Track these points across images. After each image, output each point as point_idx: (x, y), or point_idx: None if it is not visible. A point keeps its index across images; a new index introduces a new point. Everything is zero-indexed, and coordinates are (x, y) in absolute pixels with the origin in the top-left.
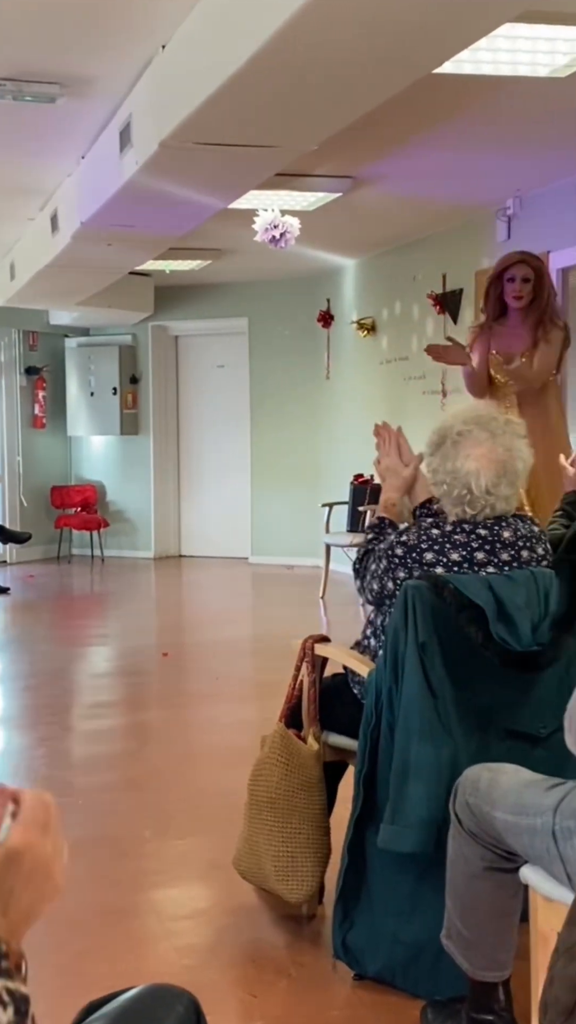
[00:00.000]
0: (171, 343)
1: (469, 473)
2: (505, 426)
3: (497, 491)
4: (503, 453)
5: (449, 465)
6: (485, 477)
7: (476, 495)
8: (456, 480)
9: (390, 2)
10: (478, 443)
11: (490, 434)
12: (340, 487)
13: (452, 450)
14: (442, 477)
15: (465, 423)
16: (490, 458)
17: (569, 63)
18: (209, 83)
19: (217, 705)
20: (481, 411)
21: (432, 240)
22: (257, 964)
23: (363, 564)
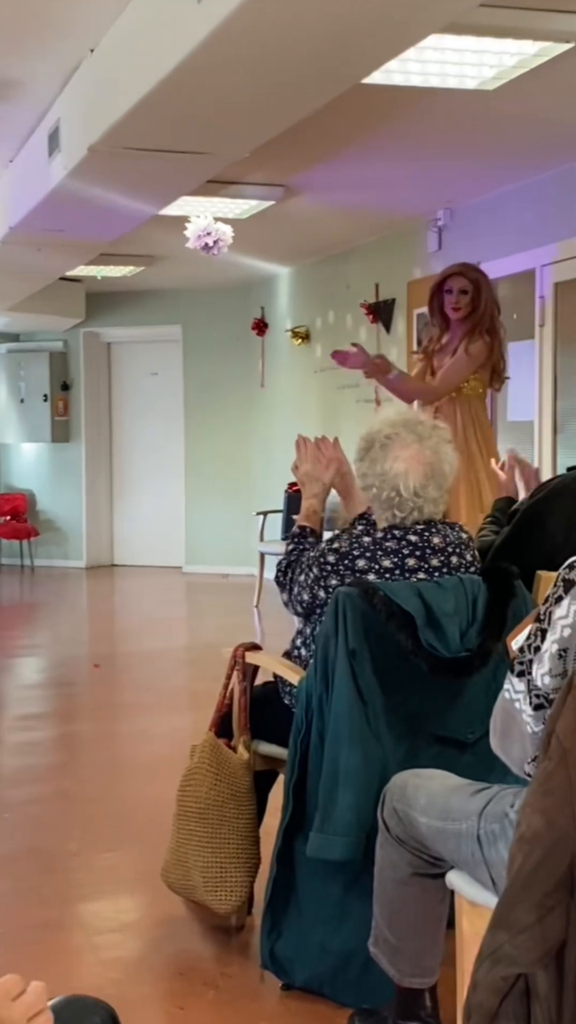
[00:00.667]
0: (103, 349)
1: (397, 475)
2: (432, 430)
3: (425, 493)
4: (431, 455)
5: (378, 468)
6: (413, 479)
7: (405, 497)
8: (384, 483)
9: (320, 10)
10: (405, 445)
11: (417, 437)
12: (274, 495)
13: (380, 453)
14: (371, 480)
15: (392, 426)
16: (418, 460)
17: (496, 76)
18: (138, 88)
19: (148, 716)
20: (408, 415)
21: (365, 249)
22: (185, 976)
23: (288, 576)
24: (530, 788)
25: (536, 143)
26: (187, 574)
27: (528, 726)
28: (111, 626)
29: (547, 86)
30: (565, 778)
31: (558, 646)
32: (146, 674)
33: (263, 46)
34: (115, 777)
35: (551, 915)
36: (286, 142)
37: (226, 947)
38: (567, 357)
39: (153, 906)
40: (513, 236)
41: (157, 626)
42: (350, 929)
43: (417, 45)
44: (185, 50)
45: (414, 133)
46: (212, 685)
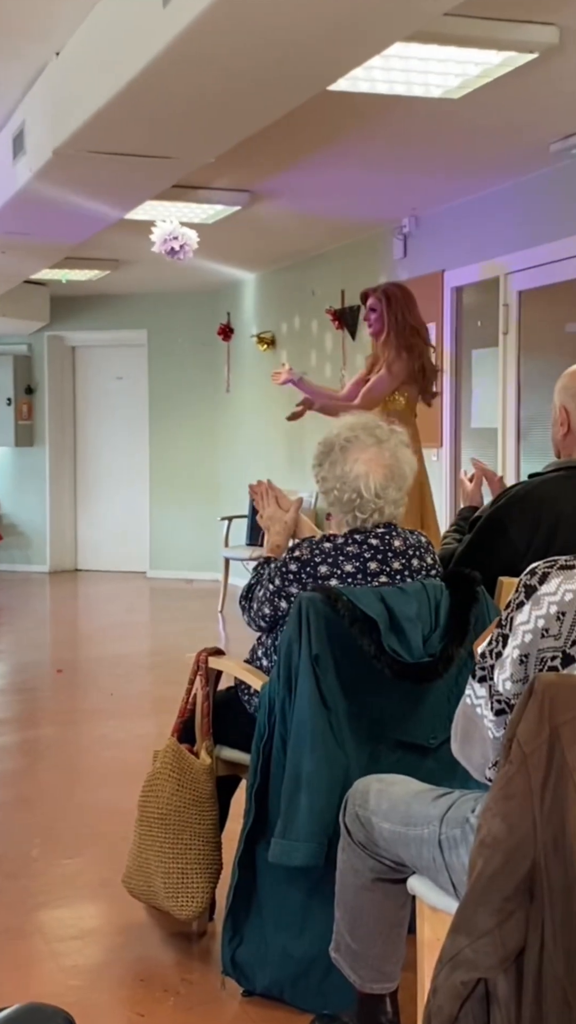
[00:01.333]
0: (68, 353)
1: (358, 476)
2: (390, 433)
3: (386, 494)
4: (389, 458)
5: (338, 471)
6: (374, 480)
7: (366, 498)
8: (345, 485)
9: (284, 17)
10: (364, 448)
11: (376, 439)
12: (239, 500)
13: (340, 456)
14: (331, 484)
15: (351, 430)
16: (378, 462)
17: (461, 84)
18: (103, 91)
19: (111, 721)
20: (366, 419)
21: (330, 256)
22: (145, 983)
23: (248, 598)
24: (491, 793)
25: (501, 152)
26: (151, 579)
27: (489, 731)
28: (74, 631)
29: (512, 96)
30: (525, 783)
31: (519, 651)
32: (109, 679)
33: (228, 50)
34: (76, 783)
35: (511, 920)
36: (252, 148)
37: (187, 953)
38: (530, 365)
39: (114, 912)
40: (478, 244)
41: (120, 631)
42: (312, 935)
43: (383, 53)
44: (150, 54)
45: (380, 141)
46: (175, 690)
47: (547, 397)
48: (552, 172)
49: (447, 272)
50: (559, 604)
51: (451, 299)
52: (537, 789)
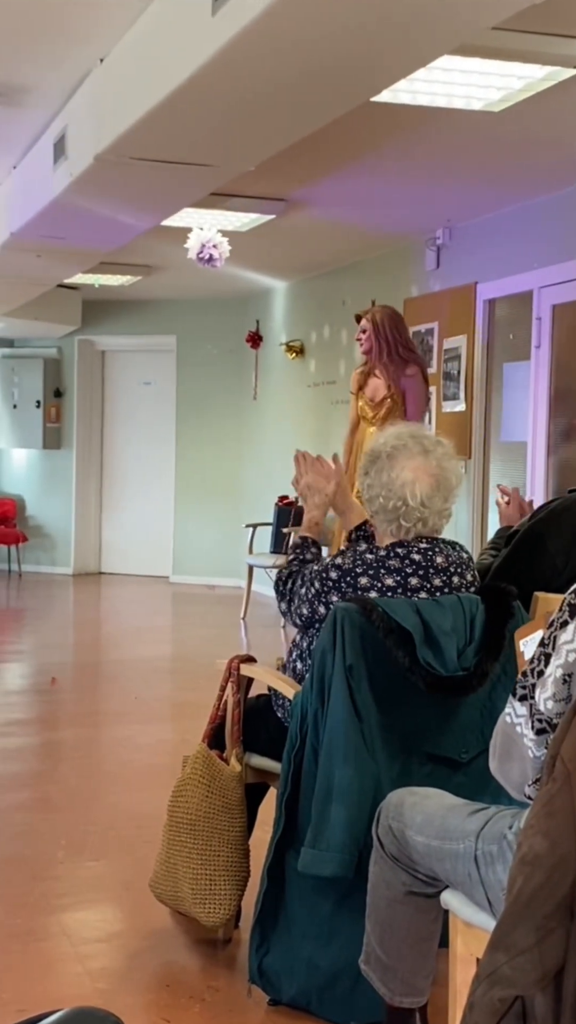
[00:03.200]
0: (97, 358)
1: (405, 484)
2: (436, 444)
3: (432, 504)
4: (436, 467)
5: (384, 478)
6: (420, 488)
7: (412, 506)
8: (391, 492)
9: (332, 28)
10: (411, 456)
11: (423, 449)
12: (264, 508)
13: (387, 463)
14: (377, 491)
15: (398, 438)
16: (425, 470)
17: (503, 98)
18: (147, 99)
19: (134, 725)
20: (413, 429)
21: (362, 266)
22: (171, 988)
23: (288, 587)
24: (532, 810)
25: (538, 165)
26: (174, 584)
27: (529, 750)
28: (97, 633)
29: (552, 110)
30: (569, 800)
31: (563, 671)
32: (131, 683)
33: (275, 61)
34: (100, 786)
35: (551, 937)
36: (290, 156)
37: (213, 960)
38: (562, 379)
39: (139, 916)
40: (511, 257)
41: (143, 635)
42: (340, 946)
43: (427, 65)
44: (197, 62)
45: (418, 152)
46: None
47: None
48: None
49: (480, 284)
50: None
51: (483, 311)
52: None
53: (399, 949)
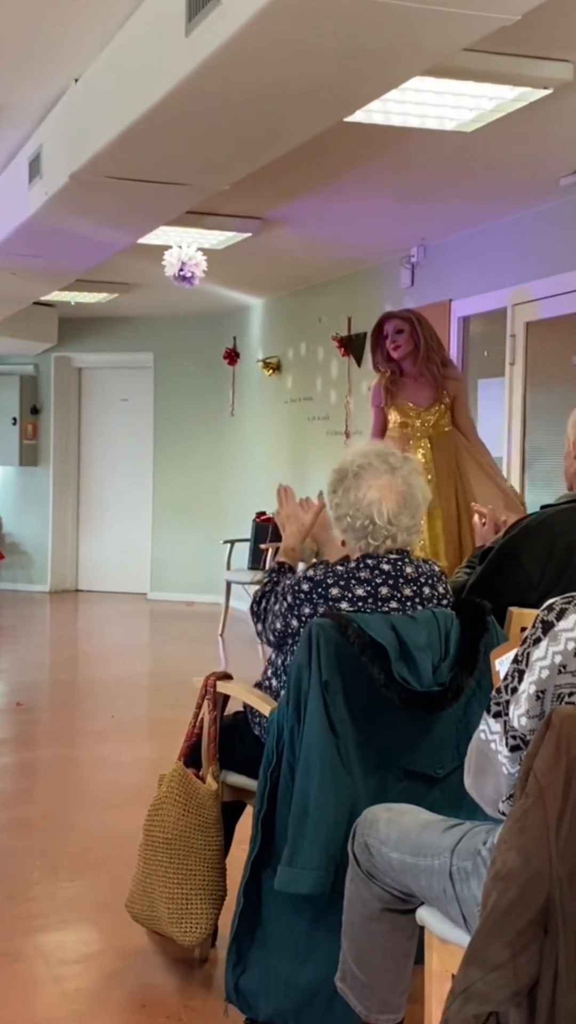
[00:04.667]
0: (74, 375)
1: (371, 503)
2: (404, 461)
3: (399, 521)
4: (402, 485)
5: (351, 497)
6: (386, 507)
7: (379, 525)
8: (359, 511)
9: (305, 50)
10: (378, 475)
11: (390, 467)
12: (242, 524)
13: (353, 483)
14: (344, 510)
15: (364, 456)
16: (391, 489)
17: (475, 118)
18: (122, 118)
19: (111, 743)
20: (379, 447)
21: (338, 283)
22: (147, 1009)
23: (262, 606)
24: (506, 825)
25: (511, 184)
26: (152, 600)
27: (504, 767)
28: (74, 651)
29: (524, 130)
30: (542, 816)
31: (536, 687)
32: (109, 701)
33: (248, 82)
34: (77, 805)
35: (524, 953)
36: (265, 175)
37: (189, 980)
38: (536, 395)
39: (115, 937)
40: (486, 275)
41: (121, 652)
42: (317, 964)
43: (399, 86)
44: (170, 83)
45: (392, 171)
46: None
47: (553, 428)
48: (561, 205)
49: (454, 302)
50: (547, 679)
51: (458, 329)
52: (553, 822)
53: (375, 966)
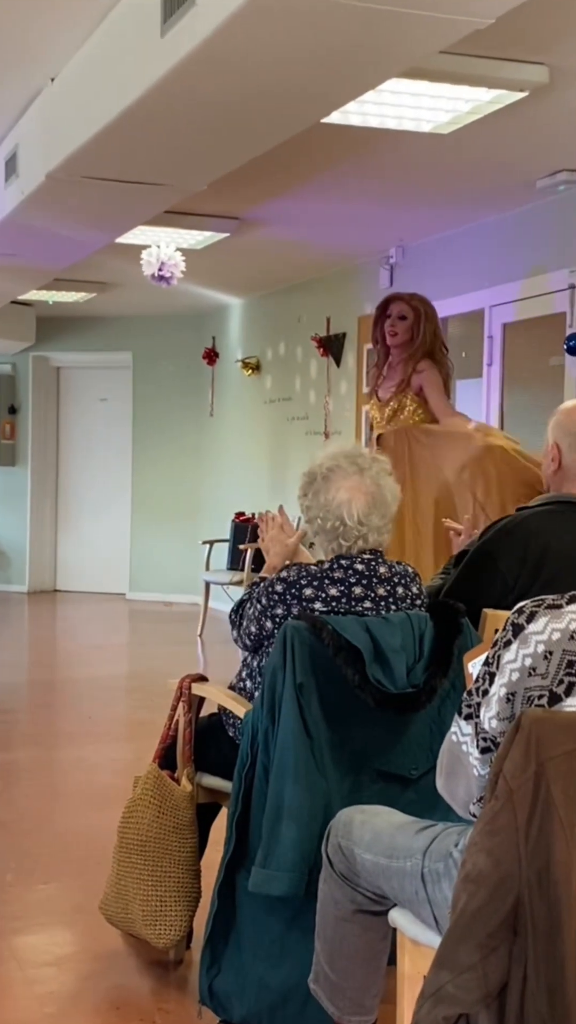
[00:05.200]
0: (52, 374)
1: (341, 504)
2: (372, 462)
3: (369, 521)
4: (371, 485)
5: (321, 499)
6: (356, 507)
7: (349, 525)
8: (329, 512)
9: (281, 52)
10: (347, 476)
11: (358, 468)
12: (221, 525)
13: (323, 484)
14: (315, 513)
15: (333, 459)
16: (360, 490)
17: (452, 120)
18: (99, 118)
19: (88, 744)
20: (348, 448)
21: (317, 284)
22: (121, 1011)
23: (239, 613)
24: (476, 828)
25: (488, 186)
26: (130, 601)
27: (475, 768)
28: (52, 652)
29: (501, 132)
30: (511, 819)
31: (506, 690)
32: (86, 702)
33: (224, 82)
34: (53, 807)
35: (494, 955)
36: (243, 176)
37: (164, 982)
38: (513, 396)
39: (89, 939)
40: (463, 276)
41: (99, 653)
42: (291, 965)
43: (376, 88)
44: (147, 83)
45: (369, 172)
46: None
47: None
48: (538, 207)
49: (432, 303)
50: (546, 643)
51: None
52: (523, 825)
53: (347, 967)
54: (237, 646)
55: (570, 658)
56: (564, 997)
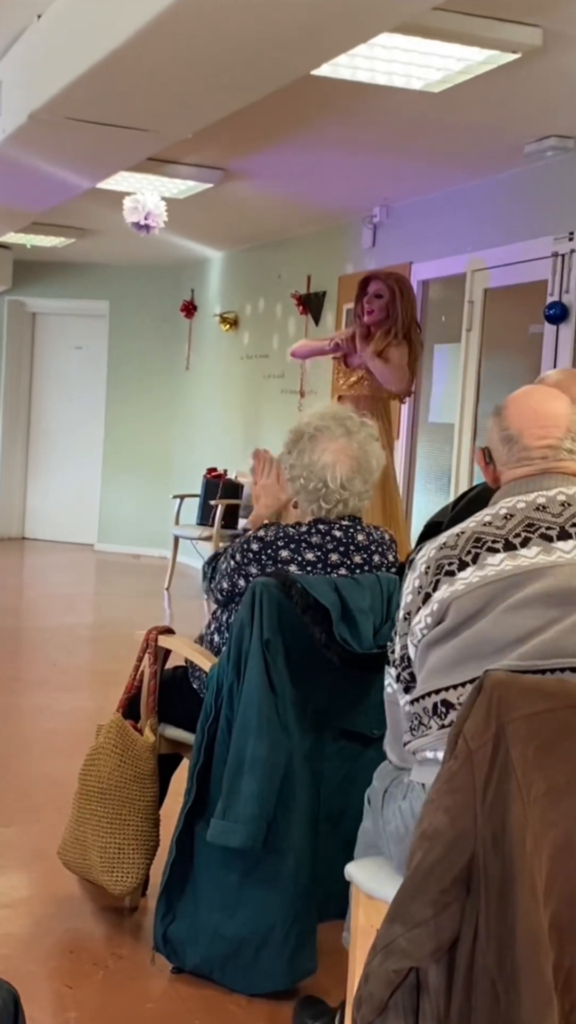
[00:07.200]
0: (28, 320)
1: (325, 466)
2: (360, 426)
3: (351, 486)
4: (357, 450)
5: (305, 459)
6: (340, 471)
7: (331, 488)
8: (312, 474)
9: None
10: (334, 438)
11: (346, 431)
12: (193, 479)
13: (309, 445)
14: (298, 472)
15: (322, 419)
16: (346, 453)
17: (442, 79)
18: (84, 58)
19: (53, 692)
20: (338, 410)
21: (299, 241)
22: (75, 955)
23: (213, 565)
24: (434, 786)
25: (476, 149)
26: (98, 552)
27: (407, 706)
28: (18, 599)
29: (491, 94)
30: (469, 778)
31: (403, 612)
32: (51, 650)
33: (216, 28)
34: (14, 753)
35: (446, 911)
36: (229, 125)
37: (118, 928)
38: (491, 362)
39: (46, 884)
40: (446, 239)
41: (65, 602)
42: (245, 916)
43: (368, 42)
44: (136, 25)
45: (357, 128)
46: (117, 665)
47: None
48: (525, 173)
49: (415, 265)
50: (425, 560)
51: (419, 292)
52: (480, 785)
53: None
54: (208, 597)
55: (439, 562)
56: (513, 953)
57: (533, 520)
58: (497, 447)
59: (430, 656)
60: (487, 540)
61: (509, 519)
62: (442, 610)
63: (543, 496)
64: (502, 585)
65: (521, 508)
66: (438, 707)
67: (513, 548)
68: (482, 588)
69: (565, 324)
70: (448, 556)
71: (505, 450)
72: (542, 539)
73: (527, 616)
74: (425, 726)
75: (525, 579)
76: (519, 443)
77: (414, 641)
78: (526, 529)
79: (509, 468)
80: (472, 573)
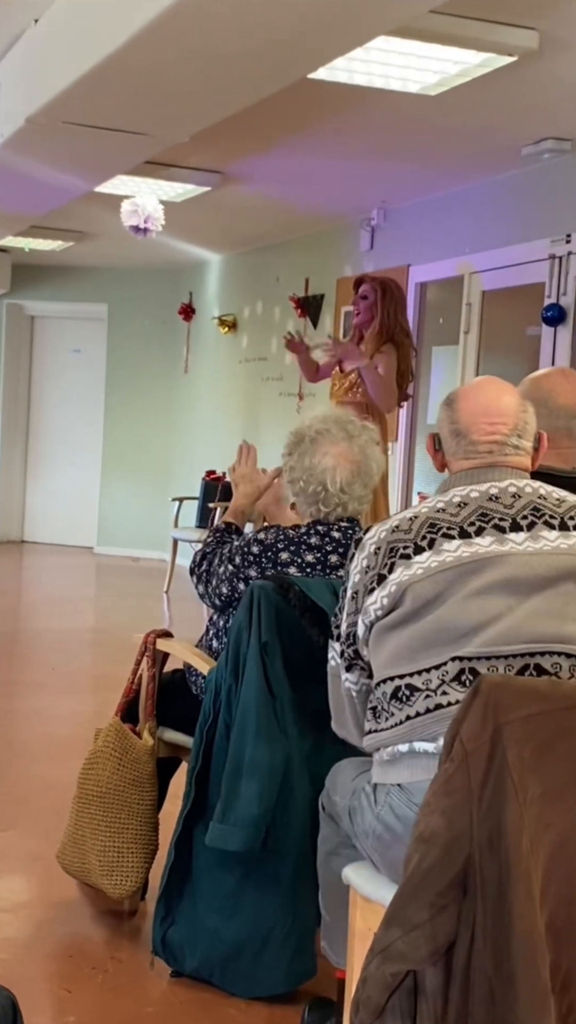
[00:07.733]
0: (27, 323)
1: (325, 470)
2: (362, 430)
3: (351, 490)
4: (358, 454)
5: (306, 462)
6: (340, 475)
7: (331, 492)
8: (312, 477)
9: (270, 3)
10: (335, 442)
11: (347, 435)
12: (191, 482)
13: (309, 447)
14: (298, 475)
15: (324, 422)
16: (346, 457)
17: (439, 82)
18: (82, 62)
19: (50, 696)
20: (339, 414)
21: (297, 243)
22: (74, 959)
23: (203, 568)
24: (431, 789)
25: (473, 152)
26: (98, 555)
27: (347, 682)
28: (16, 602)
29: (488, 97)
30: (465, 780)
31: (351, 590)
32: (50, 653)
33: (213, 32)
34: (12, 756)
35: (443, 914)
36: (226, 129)
37: (117, 931)
38: (489, 364)
39: (45, 887)
40: (445, 241)
41: (64, 605)
42: (243, 919)
43: (364, 45)
44: (133, 29)
45: (354, 131)
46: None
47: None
48: (522, 175)
49: (412, 267)
50: (376, 541)
51: (415, 294)
52: (477, 787)
53: (335, 904)
54: (204, 602)
55: (392, 544)
56: (509, 956)
57: (486, 510)
58: (446, 438)
59: (387, 641)
60: (442, 526)
61: (463, 507)
62: (399, 593)
63: (495, 487)
64: (460, 571)
65: (475, 497)
66: (400, 691)
67: (468, 536)
68: (441, 573)
69: (563, 326)
70: (402, 540)
71: (454, 443)
72: (495, 529)
73: (488, 602)
74: (386, 711)
75: (482, 566)
76: (467, 438)
77: (366, 620)
78: (480, 518)
79: (457, 460)
80: (429, 558)
